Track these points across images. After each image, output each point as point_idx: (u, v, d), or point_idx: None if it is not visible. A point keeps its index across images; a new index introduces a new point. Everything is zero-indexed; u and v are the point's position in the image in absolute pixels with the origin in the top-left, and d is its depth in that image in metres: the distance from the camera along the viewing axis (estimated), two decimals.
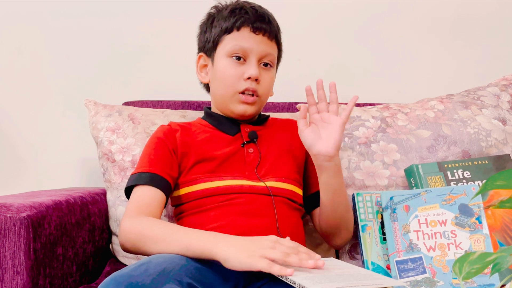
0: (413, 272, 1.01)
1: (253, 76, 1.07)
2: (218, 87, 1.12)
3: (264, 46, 1.09)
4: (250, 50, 1.08)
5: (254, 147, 1.11)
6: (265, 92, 1.11)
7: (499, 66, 1.63)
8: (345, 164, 1.25)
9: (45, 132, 1.63)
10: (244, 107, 1.10)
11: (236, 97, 1.09)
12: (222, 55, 1.10)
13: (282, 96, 1.51)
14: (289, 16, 1.63)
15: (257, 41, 1.09)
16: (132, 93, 1.60)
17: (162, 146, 1.09)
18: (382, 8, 1.66)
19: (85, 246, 1.17)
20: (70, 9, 1.64)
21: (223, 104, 1.13)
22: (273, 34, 1.11)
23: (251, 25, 1.09)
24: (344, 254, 1.22)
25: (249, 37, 1.09)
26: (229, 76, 1.09)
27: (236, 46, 1.08)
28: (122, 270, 0.78)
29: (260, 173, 1.07)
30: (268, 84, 1.12)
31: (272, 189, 1.05)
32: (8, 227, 0.95)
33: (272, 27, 1.11)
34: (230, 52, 1.09)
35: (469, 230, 1.03)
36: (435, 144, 1.25)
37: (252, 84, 1.08)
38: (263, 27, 1.09)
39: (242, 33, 1.09)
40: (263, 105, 1.15)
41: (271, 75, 1.13)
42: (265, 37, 1.10)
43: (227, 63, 1.09)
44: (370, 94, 1.60)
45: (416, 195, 1.06)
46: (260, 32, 1.09)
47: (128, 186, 1.05)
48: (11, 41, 1.64)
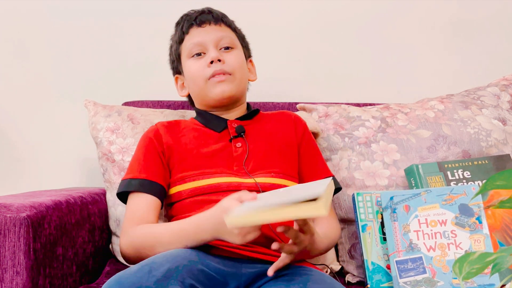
0: (413, 272, 1.01)
1: (214, 58, 1.10)
2: (192, 87, 1.16)
3: (215, 32, 1.14)
4: (204, 41, 1.13)
5: (242, 142, 1.11)
6: (235, 68, 1.12)
7: (499, 66, 1.63)
8: (345, 164, 1.25)
9: (45, 132, 1.63)
10: (221, 87, 1.11)
11: (209, 84, 1.11)
12: (185, 61, 1.16)
13: (282, 96, 1.51)
14: (289, 16, 1.63)
15: (207, 31, 1.14)
16: (132, 93, 1.60)
17: (151, 149, 1.10)
18: (382, 8, 1.66)
19: (85, 246, 1.17)
20: (70, 9, 1.63)
21: (203, 99, 1.15)
22: (218, 19, 1.16)
23: (195, 22, 1.15)
24: (344, 254, 1.22)
25: (198, 32, 1.14)
26: (195, 71, 1.13)
27: (191, 45, 1.14)
28: (126, 271, 0.79)
29: (248, 167, 1.07)
30: (236, 61, 1.13)
31: (261, 185, 1.04)
32: (8, 227, 0.95)
33: (215, 15, 1.16)
34: (189, 53, 1.14)
35: (469, 230, 1.03)
36: (435, 144, 1.25)
37: (217, 66, 1.11)
38: (205, 18, 1.15)
39: (191, 33, 1.15)
40: (242, 84, 1.15)
41: (235, 54, 1.15)
42: (212, 25, 1.15)
43: (190, 63, 1.14)
44: (370, 94, 1.60)
45: (416, 195, 1.06)
46: (204, 23, 1.15)
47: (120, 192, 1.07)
48: (11, 41, 1.64)
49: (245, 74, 1.17)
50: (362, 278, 1.17)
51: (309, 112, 1.34)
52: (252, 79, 1.22)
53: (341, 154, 1.26)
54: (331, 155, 1.27)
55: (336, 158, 1.27)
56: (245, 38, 1.23)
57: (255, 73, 1.23)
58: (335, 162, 1.26)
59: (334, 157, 1.27)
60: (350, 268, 1.20)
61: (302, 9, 1.65)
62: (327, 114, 1.32)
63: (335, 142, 1.27)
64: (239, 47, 1.17)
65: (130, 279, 0.76)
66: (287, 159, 1.12)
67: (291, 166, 1.12)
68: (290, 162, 1.12)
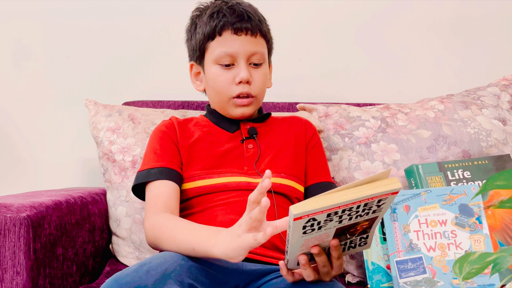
0: (413, 272, 1.01)
1: (244, 79, 1.06)
2: (212, 95, 1.13)
3: (249, 45, 1.07)
4: (236, 53, 1.07)
5: (253, 143, 1.11)
6: (259, 91, 1.11)
7: (499, 66, 1.63)
8: (345, 164, 1.25)
9: (45, 132, 1.63)
10: (242, 110, 1.10)
11: (231, 102, 1.09)
12: (210, 62, 1.09)
13: (282, 96, 1.51)
14: (289, 16, 1.63)
15: (242, 43, 1.07)
16: (132, 93, 1.60)
17: (166, 138, 1.10)
18: (382, 8, 1.66)
19: (85, 246, 1.17)
20: (70, 9, 1.63)
21: (221, 109, 1.13)
22: (256, 29, 1.08)
23: (231, 27, 1.06)
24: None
25: (232, 40, 1.07)
26: (220, 83, 1.08)
27: (222, 53, 1.07)
28: (124, 271, 0.78)
29: (259, 168, 1.07)
30: (261, 82, 1.11)
31: (272, 185, 1.04)
32: (8, 227, 0.95)
33: (253, 23, 1.08)
34: (217, 59, 1.08)
35: (469, 230, 1.03)
36: (435, 144, 1.25)
37: (245, 88, 1.07)
38: (244, 26, 1.07)
39: (224, 37, 1.07)
40: (261, 101, 1.15)
41: (263, 72, 1.11)
42: (248, 35, 1.07)
43: (216, 70, 1.08)
44: (370, 94, 1.60)
45: (416, 195, 1.06)
46: (242, 32, 1.07)
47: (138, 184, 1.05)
48: (11, 41, 1.64)
49: (265, 88, 1.14)
50: (362, 278, 1.17)
51: (309, 112, 1.35)
52: (269, 87, 1.18)
53: (341, 154, 1.26)
54: (331, 155, 1.27)
55: (336, 158, 1.27)
56: (271, 40, 1.18)
57: (271, 77, 1.20)
58: (335, 162, 1.26)
59: (334, 157, 1.27)
60: (350, 268, 1.20)
61: (302, 9, 1.65)
62: (327, 114, 1.32)
63: (335, 142, 1.27)
64: (267, 59, 1.14)
65: (127, 278, 0.76)
66: (296, 162, 1.12)
67: (299, 170, 1.12)
68: (299, 166, 1.12)
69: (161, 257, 0.83)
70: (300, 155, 1.14)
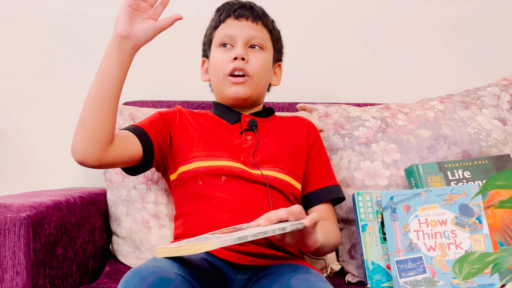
0: (413, 272, 1.01)
1: (239, 55, 1.10)
2: (213, 77, 1.16)
3: (249, 29, 1.13)
4: (235, 35, 1.12)
5: (252, 135, 1.12)
6: (256, 71, 1.12)
7: (499, 66, 1.63)
8: (345, 164, 1.25)
9: (45, 132, 1.63)
10: (235, 89, 1.11)
11: (227, 80, 1.11)
12: (214, 48, 1.16)
13: (282, 96, 1.51)
14: (289, 16, 1.63)
15: (241, 27, 1.13)
16: (132, 93, 1.60)
17: (157, 116, 1.13)
18: (383, 8, 1.66)
19: (85, 246, 1.17)
20: (70, 9, 1.63)
21: (219, 92, 1.16)
22: (257, 17, 1.15)
23: (233, 13, 1.14)
24: (344, 253, 1.22)
25: (233, 24, 1.14)
26: (218, 63, 1.13)
27: (222, 35, 1.13)
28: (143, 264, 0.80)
29: (255, 160, 1.08)
30: (259, 64, 1.12)
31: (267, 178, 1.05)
32: (8, 227, 0.95)
33: (254, 12, 1.15)
34: (218, 42, 1.14)
35: (469, 230, 1.03)
36: (435, 144, 1.25)
37: (239, 64, 1.10)
38: (245, 13, 1.14)
39: (227, 23, 1.15)
40: (260, 88, 1.15)
41: (262, 56, 1.13)
42: (249, 21, 1.14)
43: (217, 53, 1.14)
44: (370, 94, 1.60)
45: (416, 195, 1.06)
46: (242, 17, 1.14)
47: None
48: (11, 41, 1.64)
49: (266, 77, 1.16)
50: (362, 278, 1.17)
51: (309, 112, 1.35)
52: (274, 84, 1.21)
53: (341, 154, 1.26)
54: (331, 155, 1.27)
55: (336, 158, 1.27)
56: (280, 41, 1.22)
57: (280, 78, 1.22)
58: (335, 162, 1.26)
59: (334, 157, 1.27)
60: (350, 268, 1.20)
61: (303, 9, 1.65)
62: (327, 114, 1.32)
63: (335, 142, 1.27)
64: (270, 49, 1.17)
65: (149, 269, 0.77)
66: (294, 159, 1.12)
67: (297, 167, 1.12)
68: (297, 163, 1.13)
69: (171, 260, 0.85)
70: (299, 154, 1.14)
